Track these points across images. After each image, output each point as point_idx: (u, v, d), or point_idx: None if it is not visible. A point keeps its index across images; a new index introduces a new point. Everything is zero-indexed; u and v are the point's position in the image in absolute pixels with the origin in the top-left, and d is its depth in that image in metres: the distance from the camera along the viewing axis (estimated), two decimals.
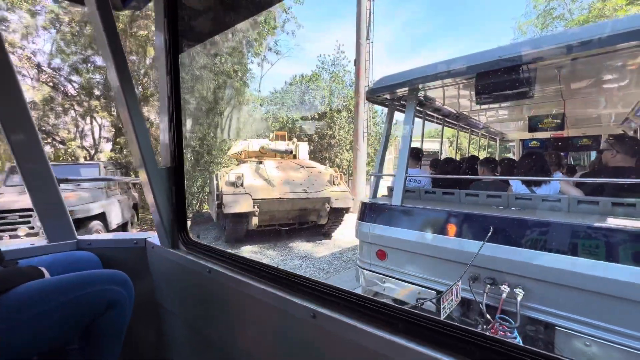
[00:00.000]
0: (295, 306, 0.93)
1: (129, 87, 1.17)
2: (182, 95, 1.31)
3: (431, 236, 2.50)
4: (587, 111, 4.49)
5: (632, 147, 2.32)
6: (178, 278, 1.47)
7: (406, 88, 2.86)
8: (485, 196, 2.70)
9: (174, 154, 1.37)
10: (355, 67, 11.73)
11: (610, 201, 2.11)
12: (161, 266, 1.55)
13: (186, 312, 1.48)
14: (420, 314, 0.76)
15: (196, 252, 1.37)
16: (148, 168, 1.27)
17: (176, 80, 1.28)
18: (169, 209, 1.40)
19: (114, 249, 1.60)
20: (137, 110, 1.21)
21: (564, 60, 2.18)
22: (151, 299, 1.61)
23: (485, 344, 0.66)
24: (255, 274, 1.11)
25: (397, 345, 0.72)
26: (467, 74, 2.44)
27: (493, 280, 2.18)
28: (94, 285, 1.22)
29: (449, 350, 0.68)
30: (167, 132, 1.33)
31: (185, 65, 14.09)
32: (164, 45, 1.22)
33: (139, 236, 1.63)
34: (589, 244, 1.84)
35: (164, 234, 1.41)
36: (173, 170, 1.38)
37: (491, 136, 6.50)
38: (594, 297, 1.81)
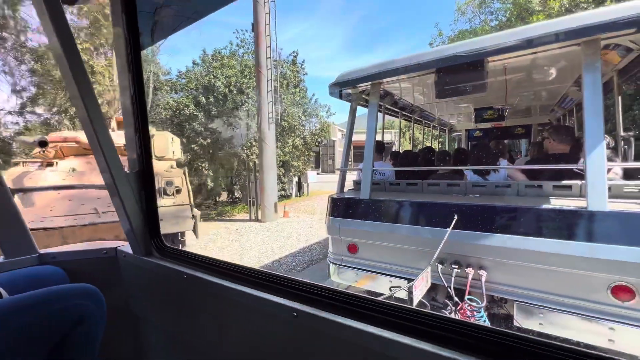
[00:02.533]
0: (277, 306, 0.93)
1: (85, 86, 1.06)
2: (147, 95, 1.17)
3: (400, 226, 2.59)
4: (521, 103, 5.02)
5: (567, 136, 2.63)
6: (154, 286, 1.43)
7: (369, 82, 2.90)
8: (446, 185, 2.87)
9: (141, 158, 1.30)
10: (253, 32, 9.60)
11: (552, 184, 2.37)
12: (135, 275, 1.50)
13: (165, 320, 1.44)
14: (398, 305, 0.80)
15: (171, 258, 1.33)
16: (113, 173, 1.20)
17: (139, 79, 1.21)
18: (139, 215, 1.34)
19: (82, 260, 1.53)
20: (97, 111, 1.11)
21: (509, 58, 2.39)
22: (127, 310, 1.56)
23: (459, 329, 0.70)
24: (234, 277, 1.10)
25: (379, 337, 0.74)
26: (427, 69, 2.53)
27: (459, 263, 2.33)
28: (59, 302, 1.14)
29: (427, 338, 0.71)
30: (132, 135, 1.26)
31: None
32: (123, 42, 1.15)
33: (109, 245, 1.57)
34: (538, 223, 2.05)
35: (135, 241, 1.37)
36: (141, 174, 1.32)
37: (442, 127, 6.96)
38: (544, 271, 2.03)
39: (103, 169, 1.20)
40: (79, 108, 1.09)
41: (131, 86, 1.20)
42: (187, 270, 1.21)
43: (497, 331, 0.67)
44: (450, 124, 7.09)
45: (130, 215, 1.30)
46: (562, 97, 4.31)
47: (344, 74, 3.01)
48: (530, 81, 3.50)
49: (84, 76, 1.05)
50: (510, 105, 4.89)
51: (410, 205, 2.58)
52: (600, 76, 1.95)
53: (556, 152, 2.66)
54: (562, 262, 1.94)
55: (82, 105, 1.07)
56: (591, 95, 1.95)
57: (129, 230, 1.34)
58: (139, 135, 1.28)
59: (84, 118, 1.10)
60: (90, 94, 1.08)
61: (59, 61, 1.02)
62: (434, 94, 2.73)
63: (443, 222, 2.32)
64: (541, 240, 2.00)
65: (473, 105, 4.97)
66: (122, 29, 1.14)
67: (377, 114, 3.02)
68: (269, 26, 9.46)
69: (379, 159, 3.78)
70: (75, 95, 1.06)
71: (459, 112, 5.83)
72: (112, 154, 1.19)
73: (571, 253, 1.91)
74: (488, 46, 2.20)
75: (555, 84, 3.63)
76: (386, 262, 2.71)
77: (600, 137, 1.90)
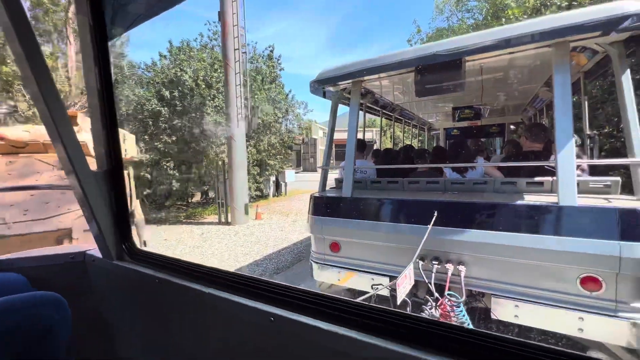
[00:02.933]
0: (253, 311, 0.92)
1: (45, 79, 0.99)
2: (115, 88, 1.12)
3: (382, 224, 2.60)
4: (496, 103, 5.20)
5: (540, 134, 2.74)
6: (126, 292, 1.38)
7: (350, 80, 2.89)
8: (426, 183, 2.91)
9: (110, 155, 1.25)
10: (219, 21, 8.94)
11: (525, 181, 2.46)
12: (105, 281, 1.45)
13: (138, 328, 1.38)
14: (376, 307, 0.79)
15: (143, 262, 1.28)
16: (78, 172, 1.13)
17: (106, 71, 1.15)
18: (109, 217, 1.28)
19: (46, 267, 1.44)
20: (59, 105, 1.03)
21: (485, 58, 2.46)
22: (97, 318, 1.50)
23: (438, 331, 0.70)
24: (209, 281, 1.08)
25: (356, 341, 0.74)
26: (407, 67, 2.55)
27: (439, 259, 2.37)
28: (20, 312, 1.07)
29: (405, 341, 0.71)
30: (100, 131, 1.20)
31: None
32: (88, 32, 1.09)
33: (77, 249, 1.49)
34: (512, 219, 2.11)
35: (105, 245, 1.31)
36: (110, 174, 1.26)
37: (421, 126, 7.11)
38: (519, 265, 2.11)
39: (67, 169, 1.13)
40: (39, 104, 1.02)
41: (98, 80, 1.14)
42: (160, 275, 1.17)
43: (473, 332, 0.67)
44: (429, 123, 7.25)
45: (99, 218, 1.24)
46: (533, 97, 4.50)
47: (325, 71, 2.98)
48: (505, 81, 3.62)
49: (44, 72, 0.99)
50: (486, 105, 5.06)
51: (392, 203, 2.60)
52: (569, 77, 2.04)
53: (530, 149, 2.77)
54: (535, 255, 2.02)
55: (42, 101, 1.00)
56: (561, 95, 2.03)
57: (97, 234, 1.28)
58: (107, 131, 1.22)
59: (44, 115, 1.03)
60: (51, 90, 1.02)
61: (18, 57, 0.95)
62: (413, 92, 2.76)
63: (424, 219, 2.36)
64: (516, 235, 2.07)
65: (451, 105, 5.10)
66: (87, 18, 1.08)
67: (359, 112, 3.02)
68: (237, 15, 8.79)
69: (361, 157, 3.79)
70: (35, 91, 0.99)
71: (437, 111, 5.96)
72: (77, 153, 1.12)
73: (543, 247, 1.99)
74: (466, 45, 2.24)
75: (528, 84, 3.79)
76: (369, 260, 2.72)
77: (569, 135, 1.98)
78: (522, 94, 4.46)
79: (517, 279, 2.13)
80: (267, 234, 8.11)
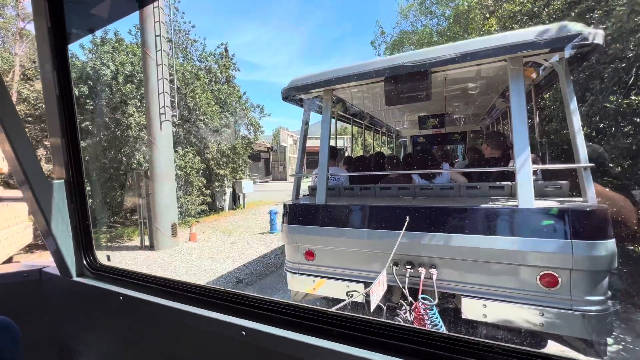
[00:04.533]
0: (225, 325, 0.90)
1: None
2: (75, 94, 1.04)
3: (355, 230, 2.62)
4: (458, 112, 5.53)
5: (499, 142, 2.95)
6: (86, 311, 1.29)
7: (322, 88, 2.91)
8: (397, 189, 2.99)
9: (69, 165, 1.18)
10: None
11: (488, 185, 2.62)
12: (63, 300, 1.35)
13: (100, 351, 1.30)
14: (350, 316, 0.80)
15: (106, 278, 1.22)
16: (33, 182, 1.06)
17: (65, 76, 1.09)
18: (68, 230, 1.21)
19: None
20: (10, 109, 0.96)
21: (448, 70, 2.60)
22: (53, 343, 1.39)
23: (412, 337, 0.72)
24: (178, 296, 1.04)
25: (332, 352, 0.73)
26: (376, 76, 2.63)
27: (412, 264, 2.42)
28: None
29: (378, 348, 0.72)
30: (58, 140, 1.14)
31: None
32: (46, 35, 1.03)
33: (31, 267, 1.37)
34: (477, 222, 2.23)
35: (62, 261, 1.22)
36: (69, 184, 1.20)
37: (389, 133, 7.35)
38: (484, 265, 2.21)
39: (20, 180, 1.06)
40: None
41: (56, 85, 1.08)
42: (125, 291, 1.11)
43: (452, 337, 0.69)
44: (397, 130, 7.52)
45: (55, 231, 1.16)
46: (490, 107, 4.84)
47: (297, 79, 2.98)
48: (466, 91, 3.86)
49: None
50: (449, 113, 5.35)
51: (365, 210, 2.63)
52: (524, 88, 2.21)
53: (491, 156, 2.96)
54: (499, 256, 2.13)
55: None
56: (517, 105, 2.20)
57: (55, 249, 1.20)
58: (66, 140, 1.16)
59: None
60: (3, 96, 0.94)
61: None
62: (382, 101, 2.85)
63: (396, 225, 2.41)
64: (481, 237, 2.18)
65: (417, 113, 5.33)
66: (45, 19, 1.02)
67: (331, 120, 3.04)
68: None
69: (333, 164, 3.82)
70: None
71: (404, 119, 6.21)
72: (31, 162, 1.05)
73: (507, 247, 2.11)
74: (431, 57, 2.35)
75: (486, 94, 4.07)
76: (343, 267, 2.72)
77: (526, 143, 2.14)
78: (480, 104, 4.78)
79: (484, 280, 2.24)
80: (190, 262, 6.82)
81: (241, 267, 6.25)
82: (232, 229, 9.92)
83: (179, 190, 10.30)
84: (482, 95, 4.12)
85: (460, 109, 5.15)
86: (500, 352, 0.63)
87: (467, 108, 5.07)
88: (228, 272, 6.03)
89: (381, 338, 0.73)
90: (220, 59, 13.83)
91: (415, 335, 0.71)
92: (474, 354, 0.65)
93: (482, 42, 2.25)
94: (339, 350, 0.72)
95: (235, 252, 7.30)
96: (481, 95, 4.12)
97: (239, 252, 7.27)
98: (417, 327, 0.74)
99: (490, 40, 2.24)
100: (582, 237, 1.93)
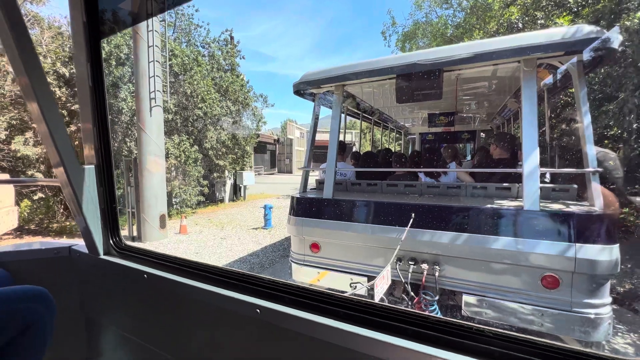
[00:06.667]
0: (240, 303, 0.95)
1: (36, 72, 0.99)
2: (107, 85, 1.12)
3: (361, 225, 2.67)
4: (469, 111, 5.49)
5: (507, 143, 2.94)
6: (112, 287, 1.39)
7: (333, 84, 2.93)
8: (404, 186, 3.02)
9: (99, 151, 1.27)
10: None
11: (494, 186, 2.63)
12: (91, 276, 1.45)
13: (124, 323, 1.40)
14: (357, 299, 0.85)
15: (131, 257, 1.31)
16: (67, 167, 1.14)
17: (98, 69, 1.16)
18: (97, 212, 1.30)
19: (30, 261, 1.44)
20: (49, 100, 1.03)
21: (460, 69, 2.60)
22: (80, 314, 1.51)
23: (415, 320, 0.77)
24: (197, 275, 1.12)
25: (340, 331, 0.79)
26: (388, 74, 2.64)
27: (415, 260, 2.47)
28: (3, 306, 1.05)
29: (385, 329, 0.77)
30: (90, 127, 1.22)
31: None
32: (82, 29, 1.09)
33: (62, 244, 1.49)
34: (482, 222, 2.25)
35: (92, 240, 1.32)
36: (99, 169, 1.28)
37: (398, 129, 7.33)
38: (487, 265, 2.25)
39: (55, 162, 1.14)
40: (29, 97, 1.02)
41: (89, 77, 1.15)
42: (148, 270, 1.19)
43: (449, 322, 0.74)
44: (406, 127, 7.49)
45: (86, 213, 1.25)
46: (502, 107, 4.80)
47: (309, 73, 3.01)
48: (477, 91, 3.84)
49: (36, 64, 0.98)
50: (459, 112, 5.32)
51: (372, 205, 2.67)
52: (536, 90, 2.21)
53: (499, 157, 2.96)
54: (502, 256, 2.17)
55: (33, 96, 1.00)
56: (528, 107, 2.20)
57: (84, 229, 1.30)
58: (97, 128, 1.24)
59: (35, 108, 1.02)
60: (43, 84, 1.01)
61: (8, 50, 0.94)
62: (392, 98, 2.86)
63: (401, 221, 2.45)
64: (485, 237, 2.21)
65: (427, 111, 5.31)
66: (81, 13, 1.08)
67: (340, 115, 3.07)
68: None
69: (341, 159, 3.86)
70: (27, 84, 0.99)
71: (414, 116, 6.18)
72: (66, 147, 1.13)
73: (510, 248, 2.14)
74: (444, 57, 2.36)
75: (498, 95, 4.04)
76: (348, 260, 2.78)
77: (535, 146, 2.15)
78: (492, 104, 4.75)
79: (486, 278, 2.28)
80: (181, 256, 6.53)
81: (225, 265, 6.03)
82: (226, 223, 9.64)
83: (174, 180, 10.23)
84: (494, 95, 4.09)
85: (471, 108, 5.11)
86: (491, 336, 0.68)
87: (478, 107, 5.03)
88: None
89: (384, 319, 0.78)
90: (224, 46, 13.45)
91: (415, 318, 0.76)
92: (466, 336, 0.70)
93: (496, 43, 2.24)
94: (345, 329, 0.77)
95: (224, 248, 7.03)
96: (493, 95, 4.09)
97: (227, 248, 7.00)
98: (417, 312, 0.79)
99: (505, 41, 2.23)
100: (586, 241, 1.95)
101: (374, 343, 0.73)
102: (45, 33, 9.39)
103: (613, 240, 1.95)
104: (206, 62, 12.15)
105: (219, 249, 6.96)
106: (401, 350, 0.70)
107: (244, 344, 1.01)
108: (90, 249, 1.35)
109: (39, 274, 1.43)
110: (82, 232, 1.31)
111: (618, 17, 3.89)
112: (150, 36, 7.57)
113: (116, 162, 9.39)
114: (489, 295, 2.24)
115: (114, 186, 1.33)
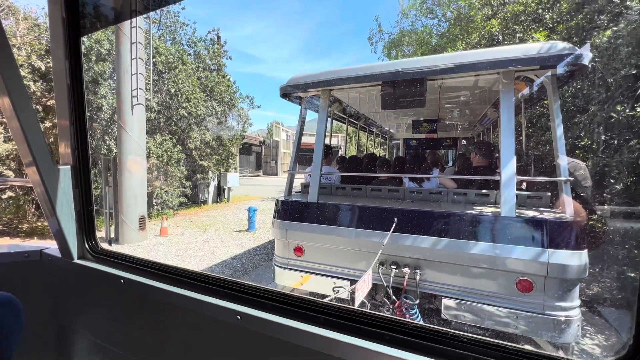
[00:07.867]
0: (220, 310, 0.94)
1: (9, 65, 0.95)
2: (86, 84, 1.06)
3: (345, 229, 2.69)
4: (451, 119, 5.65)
5: (487, 151, 3.06)
6: (86, 293, 1.33)
7: (320, 88, 2.95)
8: (387, 191, 3.07)
9: (76, 151, 1.22)
10: None
11: (474, 192, 2.72)
12: (63, 281, 1.39)
13: (98, 331, 1.34)
14: (339, 305, 0.86)
15: (107, 262, 1.26)
16: (40, 166, 1.10)
17: (77, 66, 1.12)
18: (72, 214, 1.25)
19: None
20: (23, 94, 1.00)
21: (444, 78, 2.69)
22: (51, 321, 1.43)
23: (394, 327, 0.78)
24: (176, 281, 1.09)
25: (321, 337, 0.79)
26: (373, 80, 2.69)
27: (397, 264, 2.51)
28: None
29: (365, 335, 0.78)
30: (67, 126, 1.18)
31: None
32: (60, 25, 1.06)
33: (32, 247, 1.41)
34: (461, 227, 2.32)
35: (65, 243, 1.27)
36: (75, 170, 1.24)
37: (383, 135, 7.45)
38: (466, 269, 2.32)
39: (28, 162, 1.09)
40: (2, 95, 0.97)
41: (67, 74, 1.11)
42: (126, 275, 1.15)
43: (425, 328, 0.76)
44: (390, 133, 7.63)
45: (60, 215, 1.20)
46: (482, 116, 4.97)
47: (296, 77, 3.02)
48: (459, 100, 3.97)
49: (8, 56, 0.94)
50: (442, 120, 5.47)
51: (356, 209, 2.70)
52: (513, 101, 2.31)
53: (479, 164, 3.06)
54: (480, 260, 2.24)
55: (4, 89, 0.95)
56: (506, 117, 2.30)
57: (57, 231, 1.24)
58: (75, 127, 1.19)
59: (6, 103, 0.98)
60: (16, 81, 0.97)
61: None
62: (377, 103, 2.91)
63: (384, 226, 2.49)
64: (463, 242, 2.28)
65: (411, 117, 5.43)
66: (60, 8, 1.04)
67: (327, 119, 3.10)
68: None
69: (326, 163, 3.88)
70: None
71: (398, 122, 6.31)
72: (40, 145, 1.09)
73: (488, 253, 2.21)
74: (428, 66, 2.43)
75: (479, 104, 4.19)
76: (331, 264, 2.79)
77: (512, 153, 2.24)
78: (473, 113, 4.91)
79: (465, 282, 2.34)
80: (160, 260, 5.92)
81: (206, 269, 5.87)
82: (208, 225, 9.39)
83: (156, 180, 9.96)
84: (475, 105, 4.24)
85: (453, 115, 5.27)
86: (465, 342, 0.70)
87: (459, 115, 5.19)
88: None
89: (363, 325, 0.79)
90: (211, 46, 13.26)
91: (393, 324, 0.78)
92: (442, 341, 0.72)
93: (477, 55, 2.33)
94: (326, 336, 0.78)
95: (206, 250, 6.85)
96: (474, 104, 4.24)
97: (209, 251, 6.83)
98: (394, 317, 0.80)
99: (485, 53, 2.33)
100: (558, 246, 2.04)
101: (353, 349, 0.74)
102: (20, 24, 9.02)
103: (582, 246, 2.06)
104: (191, 61, 11.99)
105: (200, 252, 6.78)
106: (379, 356, 0.71)
107: (223, 351, 0.99)
108: (64, 252, 1.30)
109: (7, 278, 1.35)
110: (54, 235, 1.26)
111: (589, 34, 4.14)
112: (134, 32, 7.37)
113: (94, 161, 9.05)
114: (467, 299, 2.31)
115: (90, 188, 1.28)
